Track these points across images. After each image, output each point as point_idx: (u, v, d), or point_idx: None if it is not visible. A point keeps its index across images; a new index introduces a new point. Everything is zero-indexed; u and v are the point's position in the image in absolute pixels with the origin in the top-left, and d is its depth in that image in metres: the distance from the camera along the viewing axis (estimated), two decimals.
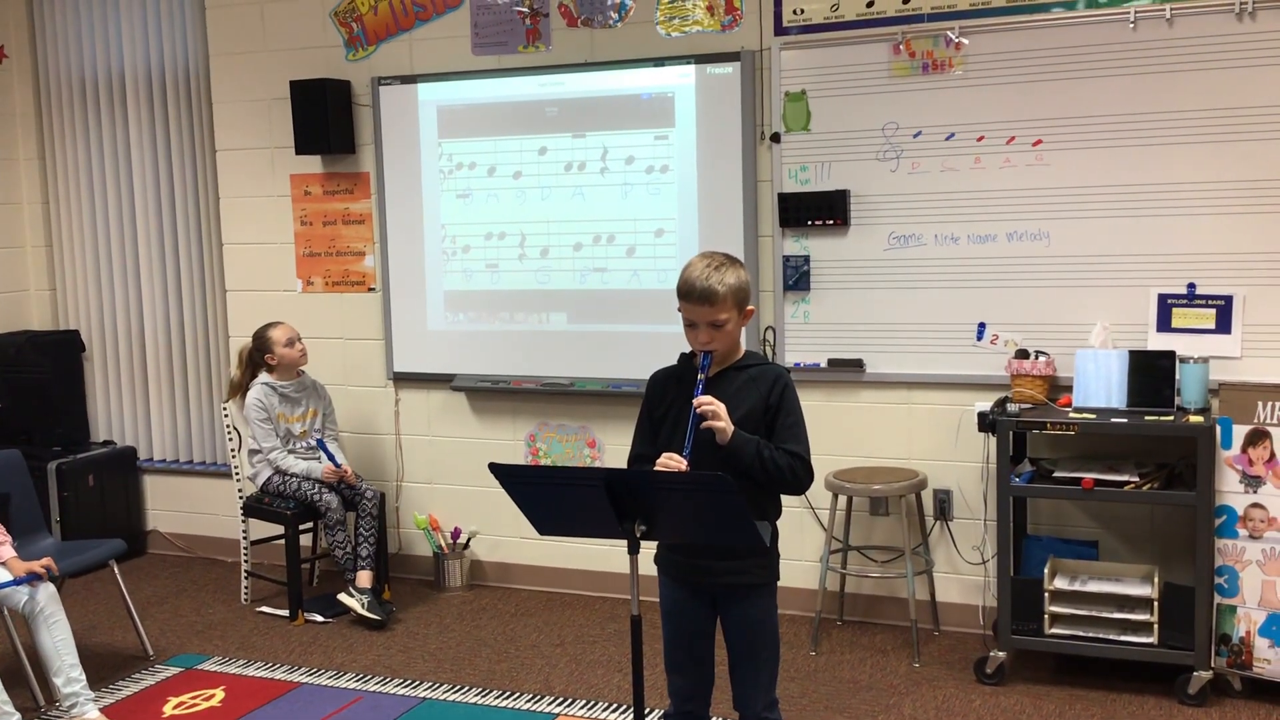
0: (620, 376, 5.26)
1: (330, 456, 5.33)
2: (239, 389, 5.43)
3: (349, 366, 5.85)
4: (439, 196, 5.54)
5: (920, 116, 4.71)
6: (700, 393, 2.89)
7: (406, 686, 4.50)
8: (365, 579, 5.20)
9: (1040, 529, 4.71)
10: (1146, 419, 4.20)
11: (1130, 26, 4.39)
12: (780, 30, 4.91)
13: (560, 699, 4.35)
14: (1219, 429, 4.12)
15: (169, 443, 6.48)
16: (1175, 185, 4.40)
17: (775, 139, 4.93)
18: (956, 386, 4.77)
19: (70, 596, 4.88)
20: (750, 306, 3.00)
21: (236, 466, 5.64)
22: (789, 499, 3.16)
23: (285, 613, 5.32)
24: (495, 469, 2.77)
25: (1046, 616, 4.31)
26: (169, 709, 4.37)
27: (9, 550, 4.26)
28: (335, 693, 4.47)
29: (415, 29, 5.56)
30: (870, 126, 4.79)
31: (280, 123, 5.79)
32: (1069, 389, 4.45)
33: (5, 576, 4.19)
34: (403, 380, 5.76)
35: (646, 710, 3.80)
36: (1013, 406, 4.45)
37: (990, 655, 4.38)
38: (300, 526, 5.37)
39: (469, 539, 5.65)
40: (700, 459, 2.85)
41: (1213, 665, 4.14)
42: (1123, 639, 4.21)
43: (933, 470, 4.83)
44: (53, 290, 6.68)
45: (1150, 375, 4.30)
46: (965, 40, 4.62)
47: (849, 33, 4.79)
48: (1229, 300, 4.36)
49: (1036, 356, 4.52)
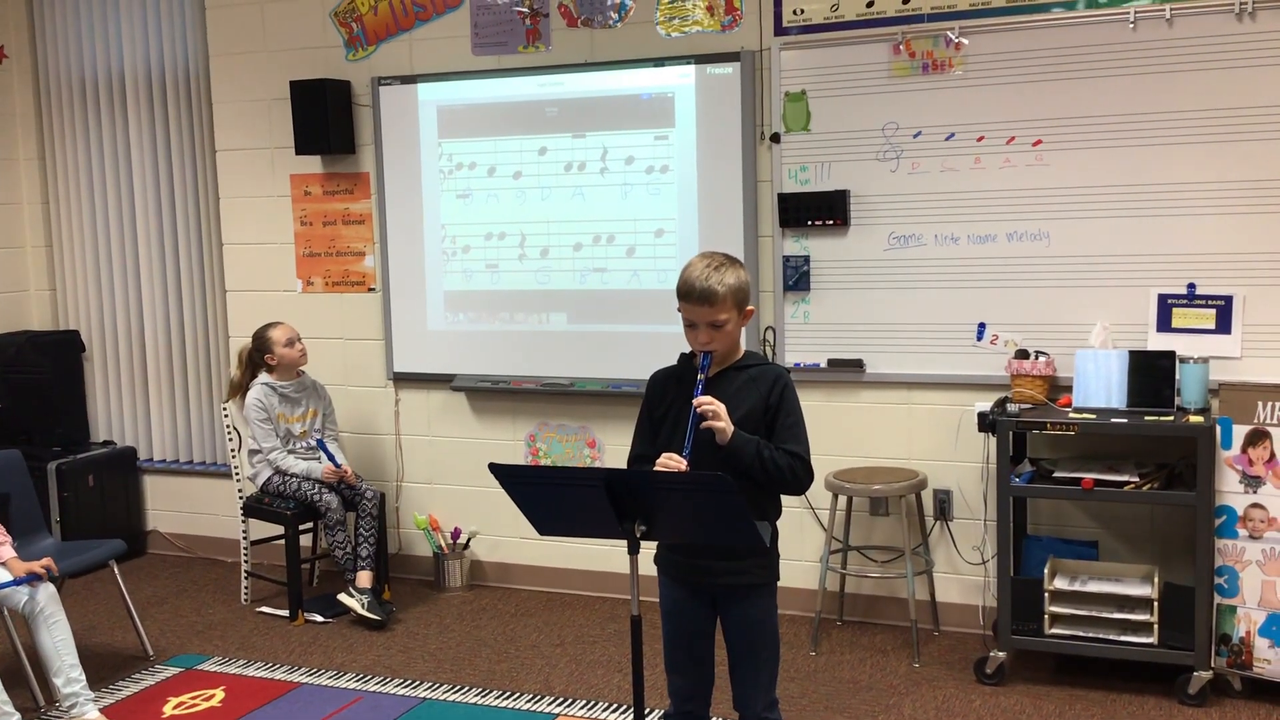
0: (620, 376, 5.26)
1: (330, 457, 5.33)
2: (239, 389, 5.43)
3: (349, 366, 5.85)
4: (439, 196, 5.54)
5: (920, 116, 4.71)
6: (700, 393, 2.89)
7: (406, 687, 4.50)
8: (365, 579, 5.20)
9: (1040, 529, 4.71)
10: (1146, 419, 4.19)
11: (1130, 26, 4.39)
12: (780, 30, 4.91)
13: (560, 699, 4.35)
14: (1219, 429, 4.12)
15: (169, 443, 6.48)
16: (1175, 185, 4.40)
17: (775, 139, 4.93)
18: (956, 386, 4.77)
19: (70, 597, 4.88)
20: (750, 307, 3.00)
21: (236, 467, 5.64)
22: (789, 499, 3.16)
23: (285, 613, 5.32)
24: (495, 469, 2.77)
25: (1046, 616, 4.31)
26: (169, 709, 4.37)
27: (9, 550, 4.26)
28: (335, 693, 4.47)
29: (415, 29, 5.56)
30: (870, 126, 4.79)
31: (280, 123, 5.79)
32: (1069, 389, 4.45)
33: (5, 577, 4.19)
34: (403, 380, 5.76)
35: (646, 710, 3.80)
36: (1013, 406, 4.45)
37: (990, 655, 4.38)
38: (300, 527, 5.37)
39: (469, 539, 5.65)
40: (700, 459, 2.85)
41: (1213, 665, 4.13)
42: (1123, 639, 4.21)
43: (933, 470, 4.83)
44: (53, 290, 6.68)
45: (1150, 375, 4.30)
46: (965, 40, 4.62)
47: (849, 33, 4.79)
48: (1229, 300, 4.36)
49: (1036, 356, 4.52)
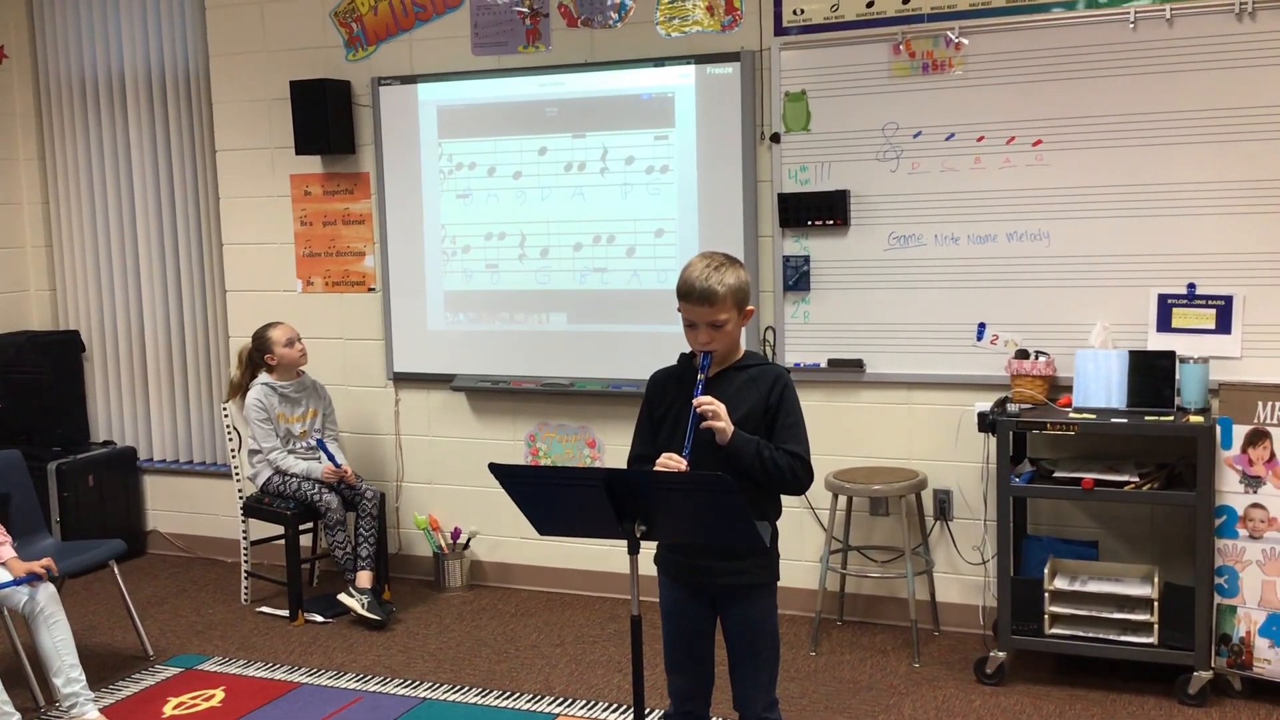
0: (620, 376, 5.26)
1: (330, 456, 5.33)
2: (239, 389, 5.43)
3: (349, 366, 5.85)
4: (439, 196, 5.54)
5: (920, 116, 4.71)
6: (700, 393, 2.89)
7: (406, 687, 4.50)
8: (365, 579, 5.20)
9: (1040, 529, 4.71)
10: (1146, 419, 4.19)
11: (1130, 26, 4.39)
12: (780, 30, 4.91)
13: (560, 699, 4.35)
14: (1219, 429, 4.11)
15: (169, 443, 6.48)
16: (1175, 185, 4.40)
17: (775, 139, 4.93)
18: (956, 386, 4.77)
19: (70, 597, 4.88)
20: (750, 307, 3.00)
21: (236, 467, 5.64)
22: (789, 499, 3.16)
23: (285, 613, 5.32)
24: (495, 469, 2.77)
25: (1046, 616, 4.31)
26: (169, 709, 4.37)
27: (9, 550, 4.26)
28: (335, 693, 4.47)
29: (415, 29, 5.56)
30: (870, 126, 4.79)
31: (280, 123, 5.79)
32: (1069, 389, 4.45)
33: (5, 577, 4.19)
34: (403, 380, 5.76)
35: (646, 710, 3.80)
36: (1013, 406, 4.45)
37: (990, 655, 4.38)
38: (300, 527, 5.37)
39: (469, 539, 5.65)
40: (700, 459, 2.85)
41: (1213, 665, 4.13)
42: (1123, 639, 4.21)
43: (933, 470, 4.83)
44: (53, 290, 6.68)
45: (1150, 375, 4.30)
46: (965, 40, 4.62)
47: (849, 33, 4.79)
48: (1229, 300, 4.36)
49: (1036, 356, 4.52)
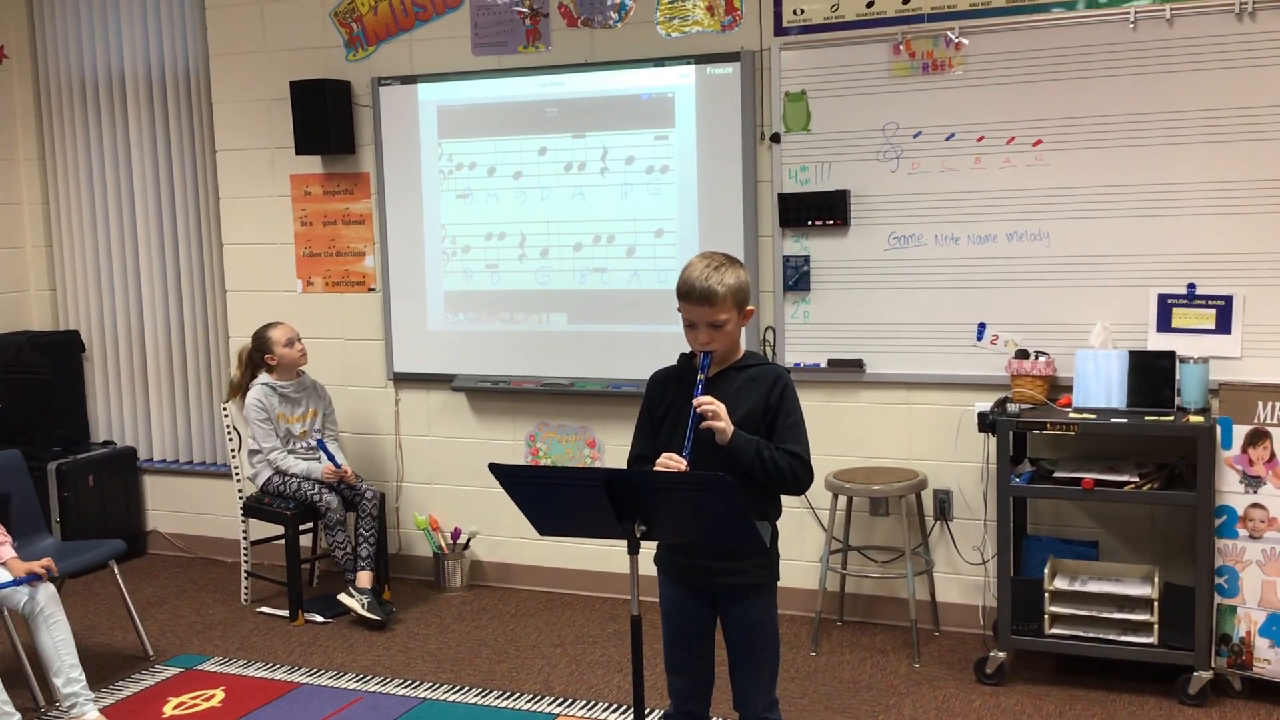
0: (620, 377, 5.26)
1: (330, 457, 5.33)
2: (239, 389, 5.43)
3: (349, 367, 5.85)
4: (439, 197, 5.54)
5: (920, 117, 4.71)
6: (700, 393, 2.89)
7: (406, 687, 4.50)
8: (365, 579, 5.20)
9: (1040, 529, 4.71)
10: (1146, 419, 4.19)
11: (1130, 27, 4.39)
12: (780, 30, 4.91)
13: (560, 699, 4.35)
14: (1219, 429, 4.11)
15: (169, 443, 6.48)
16: (1175, 185, 4.40)
17: (775, 139, 4.93)
18: (956, 386, 4.76)
19: (70, 597, 4.88)
20: (750, 307, 3.00)
21: (236, 467, 5.64)
22: (789, 499, 3.16)
23: (285, 613, 5.32)
24: (495, 469, 2.77)
25: (1046, 617, 4.30)
26: (169, 709, 4.37)
27: (9, 550, 4.26)
28: (335, 693, 4.47)
29: (415, 29, 5.56)
30: (870, 127, 4.79)
31: (280, 123, 5.79)
32: (1069, 389, 4.45)
33: (5, 577, 4.19)
34: (403, 380, 5.76)
35: (646, 710, 3.80)
36: (1013, 407, 4.45)
37: (990, 655, 4.38)
38: (300, 527, 5.37)
39: (469, 539, 5.65)
40: (700, 459, 2.85)
41: (1213, 665, 4.13)
42: (1123, 639, 4.21)
43: (933, 470, 4.83)
44: (53, 290, 6.68)
45: (1150, 375, 4.30)
46: (965, 40, 4.62)
47: (849, 33, 4.78)
48: (1229, 300, 4.36)
49: (1036, 356, 4.52)
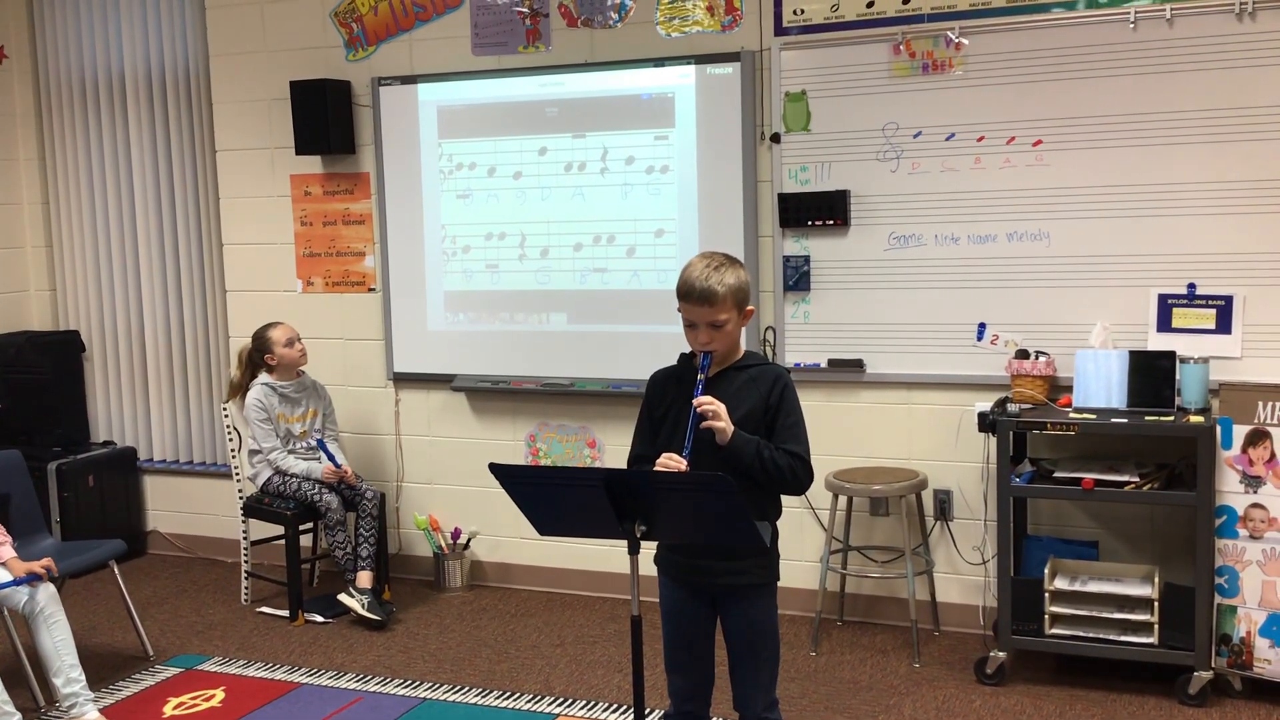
0: (620, 377, 5.26)
1: (330, 457, 5.33)
2: (239, 389, 5.43)
3: (349, 367, 5.85)
4: (439, 197, 5.54)
5: (920, 117, 4.71)
6: (700, 393, 2.89)
7: (406, 687, 4.50)
8: (365, 579, 5.20)
9: (1040, 529, 4.71)
10: (1147, 419, 4.19)
11: (1130, 27, 4.39)
12: (780, 30, 4.91)
13: (560, 699, 4.35)
14: (1219, 429, 4.11)
15: (169, 443, 6.48)
16: (1175, 185, 4.40)
17: (775, 139, 4.93)
18: (956, 386, 4.76)
19: (70, 597, 4.88)
20: (750, 307, 3.00)
21: (236, 467, 5.64)
22: (789, 499, 3.16)
23: (285, 613, 5.32)
24: (495, 469, 2.77)
25: (1047, 617, 4.30)
26: (169, 709, 4.37)
27: (9, 551, 4.26)
28: (335, 693, 4.47)
29: (415, 29, 5.56)
30: (870, 127, 4.79)
31: (280, 123, 5.79)
32: (1069, 389, 4.45)
33: (5, 577, 4.19)
34: (403, 380, 5.76)
35: (647, 710, 3.80)
36: (1013, 407, 4.45)
37: (990, 655, 4.38)
38: (300, 527, 5.37)
39: (469, 539, 5.65)
40: (700, 459, 2.85)
41: (1213, 665, 4.13)
42: (1123, 639, 4.21)
43: (933, 470, 4.83)
44: (53, 290, 6.68)
45: (1150, 375, 4.29)
46: (965, 40, 4.62)
47: (849, 33, 4.78)
48: (1229, 300, 4.36)
49: (1037, 357, 4.52)
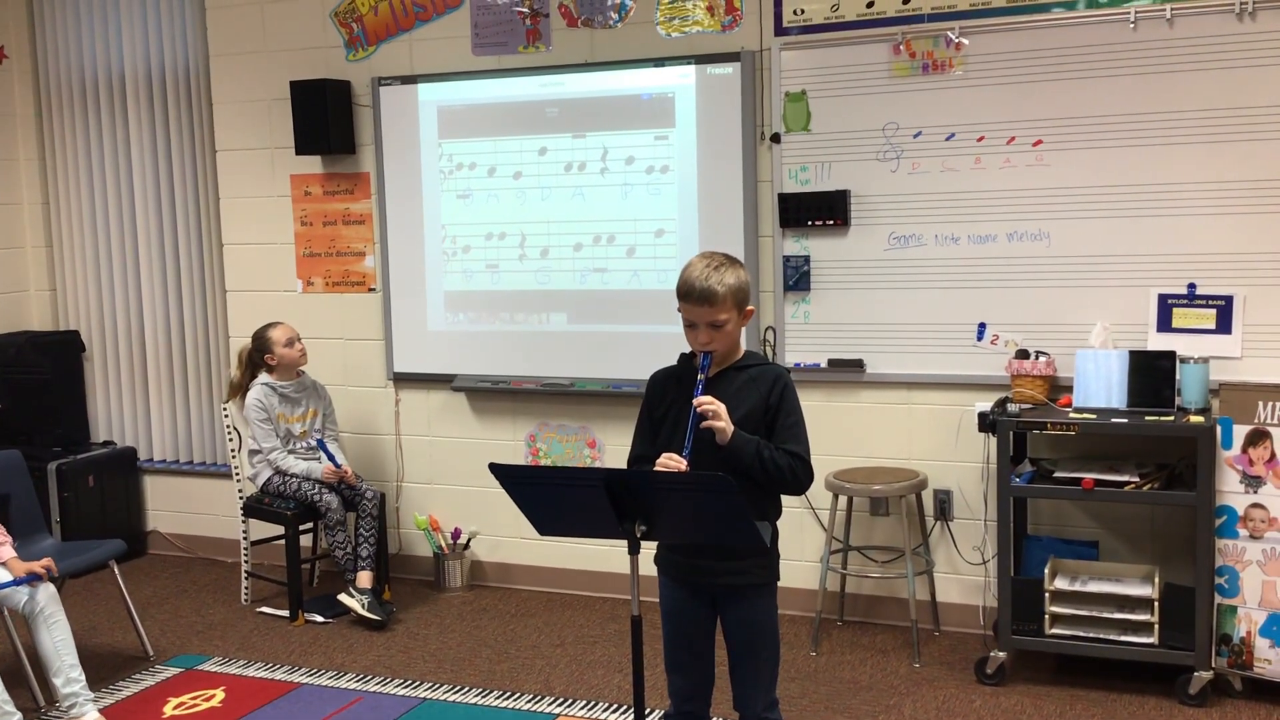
0: (620, 377, 5.26)
1: (330, 457, 5.33)
2: (239, 389, 5.43)
3: (349, 367, 5.85)
4: (439, 197, 5.54)
5: (920, 117, 4.71)
6: (700, 393, 2.89)
7: (407, 687, 4.50)
8: (365, 579, 5.20)
9: (1040, 529, 4.71)
10: (1147, 419, 4.19)
11: (1130, 27, 4.39)
12: (780, 30, 4.91)
13: (560, 699, 4.34)
14: (1219, 429, 4.11)
15: (169, 443, 6.48)
16: (1176, 185, 4.40)
17: (775, 139, 4.93)
18: (957, 386, 4.76)
19: (70, 597, 4.88)
20: (750, 307, 3.00)
21: (236, 467, 5.64)
22: (789, 499, 3.16)
23: (285, 613, 5.32)
24: (495, 469, 2.77)
25: (1047, 617, 4.30)
26: (169, 709, 4.37)
27: (9, 551, 4.26)
28: (335, 693, 4.47)
29: (415, 29, 5.56)
30: (870, 127, 4.79)
31: (280, 123, 5.79)
32: (1069, 389, 4.45)
33: (5, 577, 4.19)
34: (403, 380, 5.76)
35: (647, 710, 3.79)
36: (1013, 407, 4.45)
37: (991, 655, 4.38)
38: (300, 527, 5.37)
39: (469, 539, 5.65)
40: (700, 459, 2.85)
41: (1213, 665, 4.13)
42: (1123, 639, 4.21)
43: (933, 470, 4.83)
44: (53, 290, 6.68)
45: (1150, 375, 4.29)
46: (965, 40, 4.62)
47: (849, 33, 4.78)
48: (1229, 300, 4.36)
49: (1037, 357, 4.52)
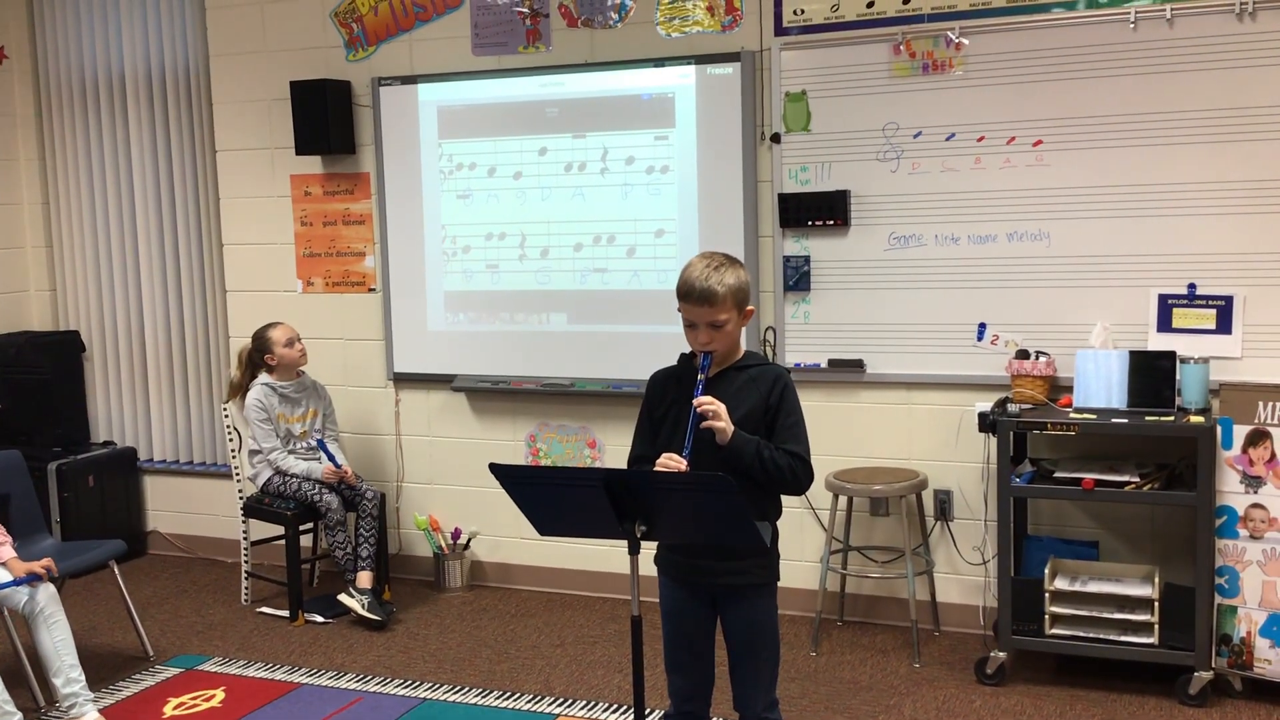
0: (620, 377, 5.26)
1: (330, 457, 5.33)
2: (239, 389, 5.43)
3: (349, 367, 5.85)
4: (439, 197, 5.54)
5: (920, 117, 4.71)
6: (700, 393, 2.89)
7: (407, 687, 4.50)
8: (365, 579, 5.20)
9: (1040, 529, 4.71)
10: (1147, 419, 4.19)
11: (1130, 27, 4.39)
12: (780, 30, 4.91)
13: (560, 700, 4.34)
14: (1219, 429, 4.11)
15: (169, 443, 6.48)
16: (1176, 185, 4.40)
17: (775, 139, 4.93)
18: (957, 387, 4.76)
19: (70, 597, 4.88)
20: (750, 307, 3.00)
21: (236, 467, 5.64)
22: (789, 499, 3.16)
23: (285, 613, 5.32)
24: (495, 469, 2.77)
25: (1047, 617, 4.30)
26: (169, 710, 4.37)
27: (9, 551, 4.26)
28: (335, 693, 4.47)
29: (415, 29, 5.56)
30: (870, 127, 4.79)
31: (280, 123, 5.79)
32: (1069, 389, 4.45)
33: (5, 577, 4.19)
34: (403, 381, 5.76)
35: (647, 710, 3.79)
36: (1013, 407, 4.45)
37: (991, 656, 4.38)
38: (300, 527, 5.37)
39: (469, 539, 5.65)
40: (700, 459, 2.85)
41: (1213, 666, 4.13)
42: (1123, 639, 4.21)
43: (933, 470, 4.83)
44: (53, 290, 6.68)
45: (1150, 375, 4.29)
46: (965, 40, 4.62)
47: (849, 33, 4.78)
48: (1229, 300, 4.36)
49: (1037, 357, 4.52)
